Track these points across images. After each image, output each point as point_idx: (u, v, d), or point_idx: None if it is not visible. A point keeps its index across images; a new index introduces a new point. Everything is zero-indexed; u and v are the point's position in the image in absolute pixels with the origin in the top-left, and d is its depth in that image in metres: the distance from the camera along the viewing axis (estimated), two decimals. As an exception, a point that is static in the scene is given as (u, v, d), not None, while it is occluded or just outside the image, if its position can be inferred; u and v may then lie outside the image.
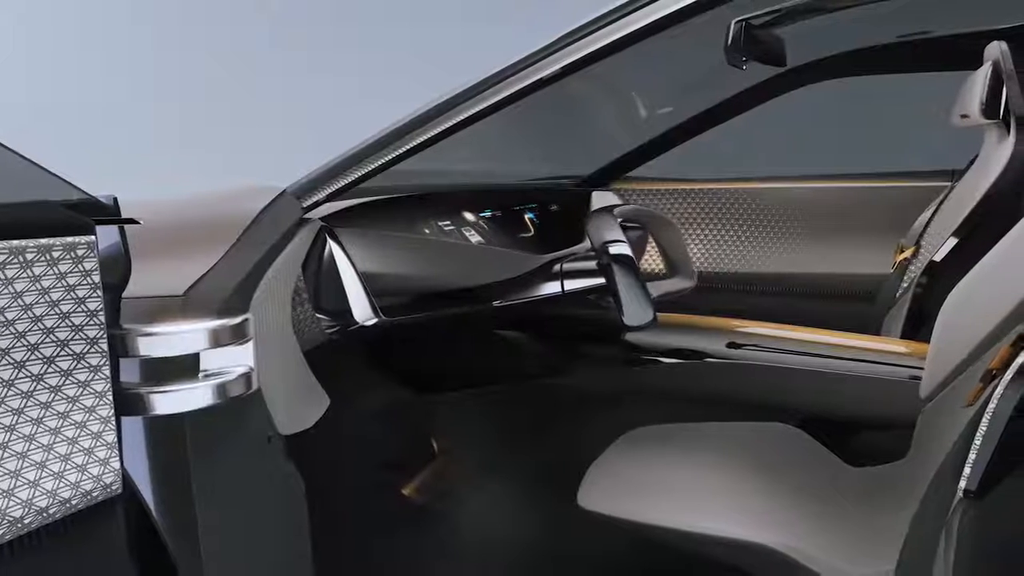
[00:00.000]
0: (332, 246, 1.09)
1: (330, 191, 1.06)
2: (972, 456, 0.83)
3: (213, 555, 1.02)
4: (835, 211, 2.21)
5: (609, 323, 1.61)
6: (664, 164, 2.23)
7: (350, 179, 1.06)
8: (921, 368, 1.15)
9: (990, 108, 1.62)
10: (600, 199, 1.90)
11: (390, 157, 1.07)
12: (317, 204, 1.07)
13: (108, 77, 3.49)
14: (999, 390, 0.81)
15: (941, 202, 1.85)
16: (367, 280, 1.10)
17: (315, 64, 3.22)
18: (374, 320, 1.10)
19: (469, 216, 1.42)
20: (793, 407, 1.54)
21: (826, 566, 1.06)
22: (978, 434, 0.83)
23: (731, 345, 1.61)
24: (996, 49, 1.64)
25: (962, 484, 0.84)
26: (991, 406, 0.81)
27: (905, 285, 1.80)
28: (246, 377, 0.99)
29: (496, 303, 1.34)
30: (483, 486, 1.70)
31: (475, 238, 1.38)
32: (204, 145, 3.19)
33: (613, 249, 1.29)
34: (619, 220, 1.35)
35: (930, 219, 1.86)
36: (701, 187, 2.29)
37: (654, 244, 1.66)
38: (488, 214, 1.47)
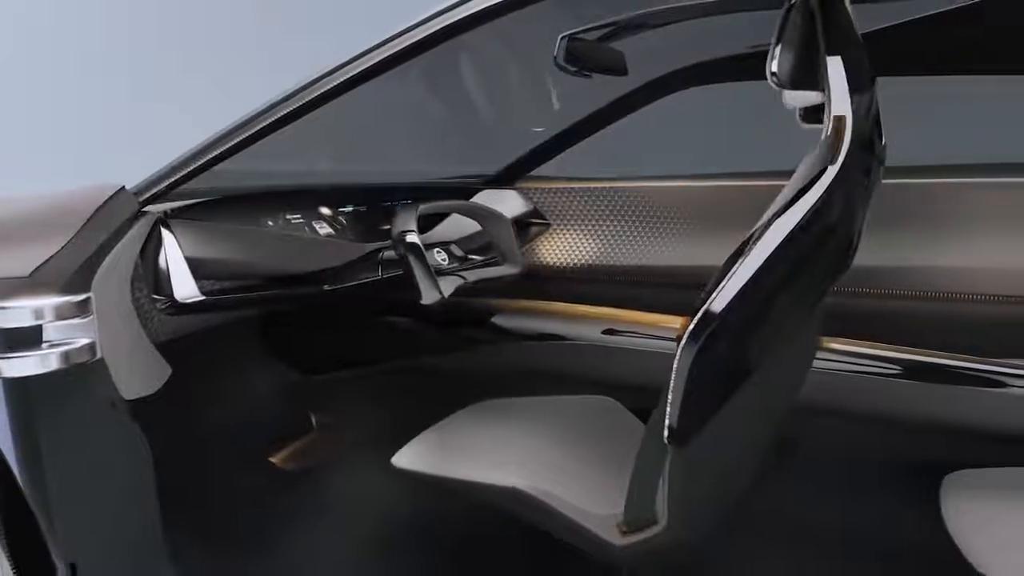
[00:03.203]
0: (165, 235, 1.26)
1: (165, 185, 1.23)
2: (668, 409, 0.99)
3: (63, 502, 1.18)
4: (729, 208, 2.34)
5: (462, 307, 1.77)
6: (561, 164, 2.38)
7: (182, 174, 1.22)
8: None
9: (812, 113, 1.77)
10: (486, 198, 2.05)
11: (216, 153, 1.23)
12: (155, 198, 1.24)
13: (108, 77, 3.55)
14: (678, 351, 0.96)
15: None
16: (195, 264, 1.26)
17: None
18: (198, 298, 1.26)
19: (326, 211, 1.58)
20: (627, 383, 1.68)
21: (573, 509, 1.21)
22: (669, 389, 0.98)
23: (607, 332, 1.76)
24: None
25: (665, 433, 1.00)
26: (675, 365, 0.97)
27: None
28: (89, 347, 1.16)
29: (326, 287, 1.50)
30: (325, 455, 1.87)
31: (325, 231, 1.53)
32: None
33: (407, 239, 1.48)
34: (423, 215, 1.54)
35: None
36: (598, 186, 2.42)
37: (485, 235, 1.83)
38: (350, 209, 1.63)
